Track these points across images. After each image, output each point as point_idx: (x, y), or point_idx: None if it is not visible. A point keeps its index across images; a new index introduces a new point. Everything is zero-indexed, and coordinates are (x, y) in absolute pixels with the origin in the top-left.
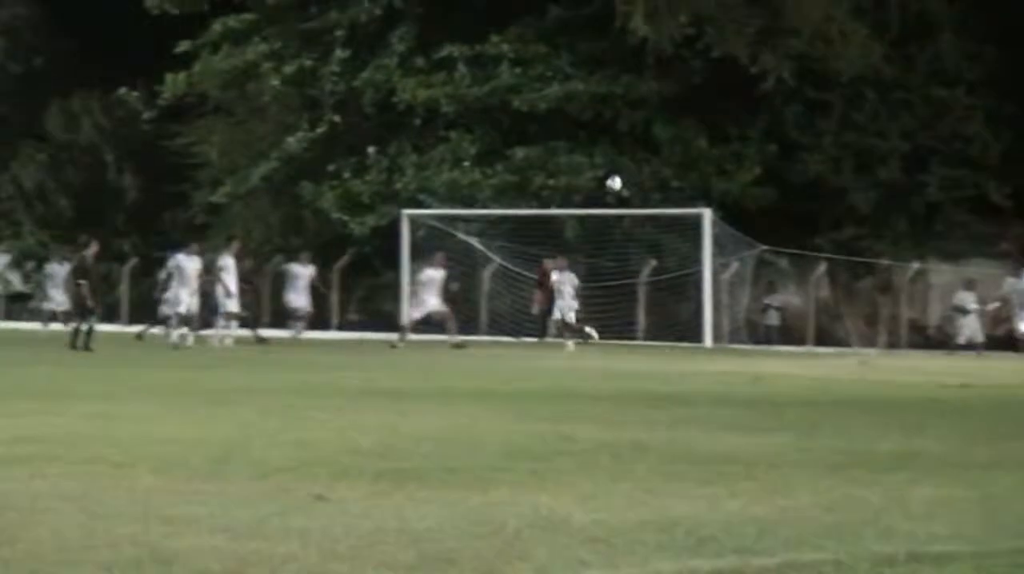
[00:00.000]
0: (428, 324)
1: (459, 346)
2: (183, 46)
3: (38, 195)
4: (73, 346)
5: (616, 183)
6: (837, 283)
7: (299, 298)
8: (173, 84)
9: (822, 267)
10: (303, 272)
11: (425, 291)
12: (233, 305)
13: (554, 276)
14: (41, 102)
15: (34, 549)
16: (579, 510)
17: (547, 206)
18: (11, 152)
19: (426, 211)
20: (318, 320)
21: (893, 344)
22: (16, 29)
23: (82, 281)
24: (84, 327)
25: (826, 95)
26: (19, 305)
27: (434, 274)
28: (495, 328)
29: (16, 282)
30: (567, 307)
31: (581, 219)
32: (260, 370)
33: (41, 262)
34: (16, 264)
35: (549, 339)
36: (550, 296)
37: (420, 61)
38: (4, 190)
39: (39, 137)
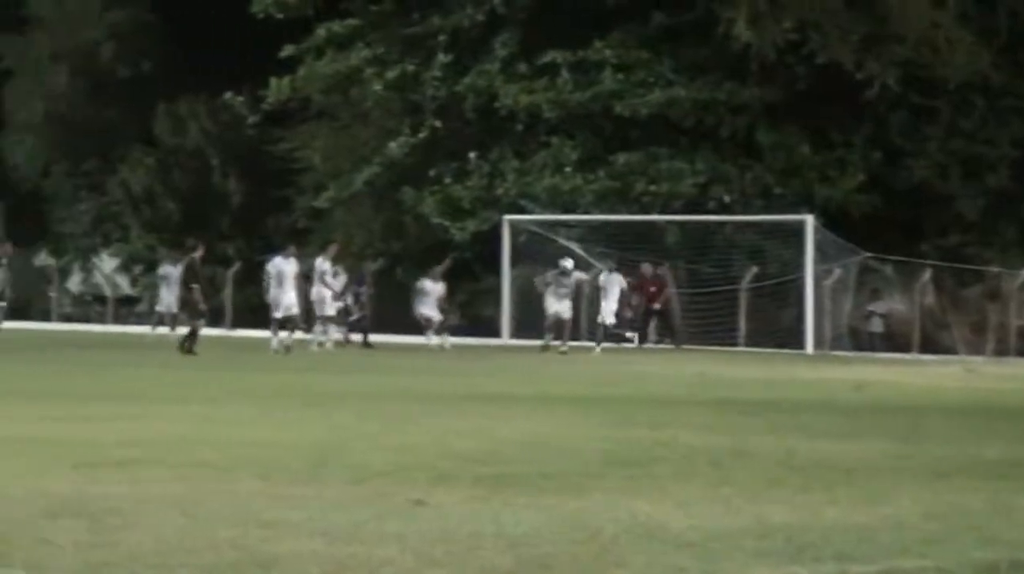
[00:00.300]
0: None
1: (563, 353)
2: (287, 51)
3: (146, 199)
4: (182, 349)
5: (568, 263)
6: (943, 290)
7: (428, 310)
8: (277, 89)
9: (927, 274)
10: (435, 289)
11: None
12: (331, 308)
13: (601, 278)
14: (149, 106)
15: (135, 552)
16: (677, 516)
17: (648, 212)
18: (120, 156)
19: (527, 216)
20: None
21: (1001, 352)
22: (125, 34)
23: (194, 284)
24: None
25: (932, 102)
26: (126, 309)
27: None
28: (595, 334)
29: (124, 285)
30: (608, 310)
31: (682, 225)
32: (360, 374)
33: (149, 266)
34: (124, 268)
35: (649, 344)
36: (648, 300)
37: (522, 67)
38: (113, 194)
39: (147, 141)
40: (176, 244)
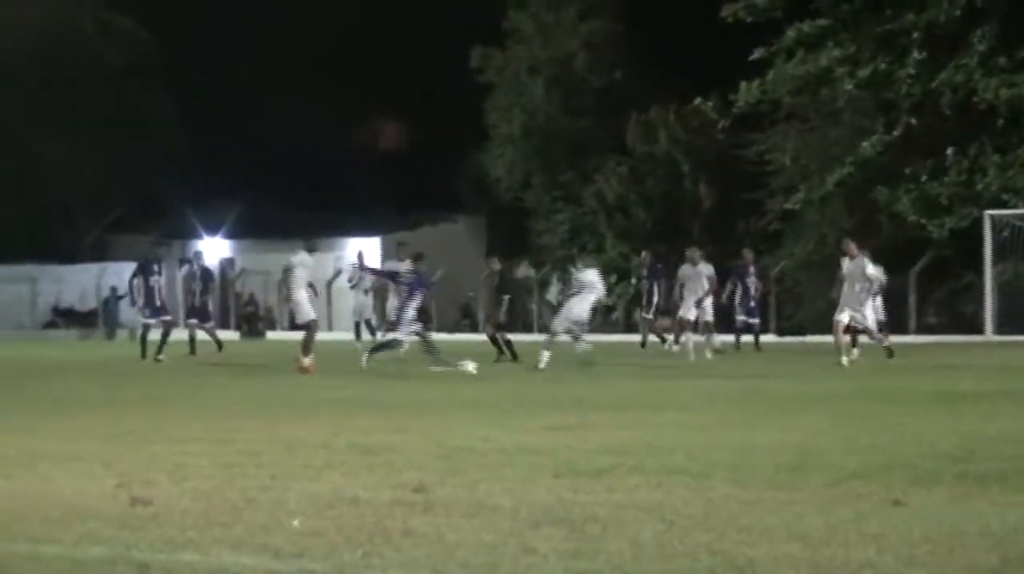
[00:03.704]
0: None
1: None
2: (757, 54)
3: (619, 208)
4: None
5: None
6: None
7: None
8: (747, 92)
9: None
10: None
11: None
12: (689, 313)
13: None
14: (621, 115)
15: (614, 559)
16: None
17: None
18: (594, 166)
19: (1011, 211)
20: (896, 323)
21: None
22: (597, 44)
23: (505, 296)
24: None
25: None
26: (601, 317)
27: None
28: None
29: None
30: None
31: None
32: (828, 376)
33: (623, 274)
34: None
35: None
36: None
37: (1002, 60)
38: (588, 204)
39: (620, 150)
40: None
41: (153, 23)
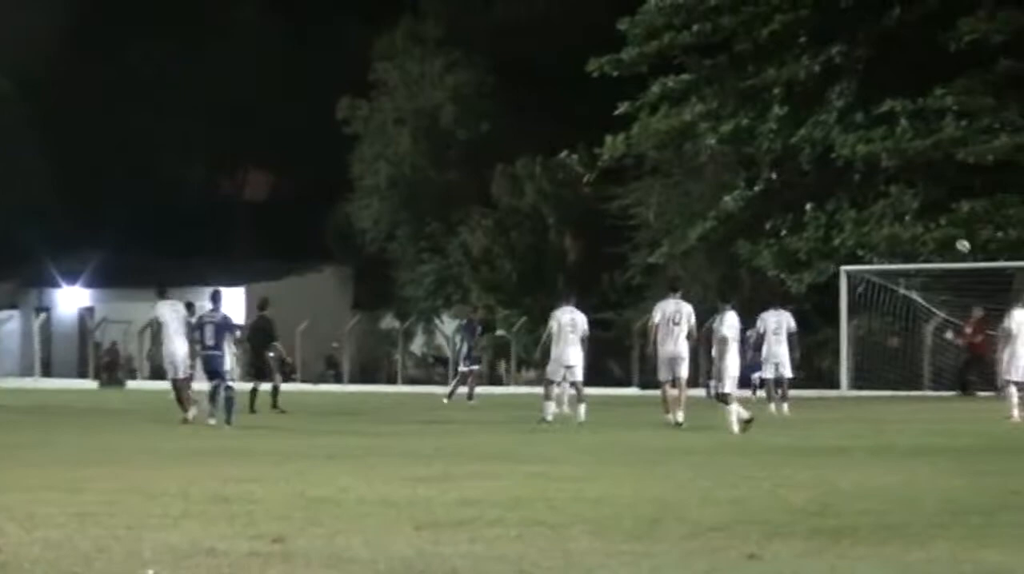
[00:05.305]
0: None
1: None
2: (622, 108)
3: (484, 259)
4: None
5: (964, 247)
6: None
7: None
8: (612, 146)
9: None
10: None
11: None
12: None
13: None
14: (487, 168)
15: None
16: None
17: (994, 259)
18: (460, 217)
19: (865, 267)
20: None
21: None
22: (463, 96)
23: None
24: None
25: None
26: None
27: None
28: (939, 383)
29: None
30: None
31: None
32: (689, 430)
33: (488, 326)
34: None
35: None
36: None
37: (859, 116)
38: (453, 255)
39: (485, 203)
40: (514, 304)
41: (17, 73)
